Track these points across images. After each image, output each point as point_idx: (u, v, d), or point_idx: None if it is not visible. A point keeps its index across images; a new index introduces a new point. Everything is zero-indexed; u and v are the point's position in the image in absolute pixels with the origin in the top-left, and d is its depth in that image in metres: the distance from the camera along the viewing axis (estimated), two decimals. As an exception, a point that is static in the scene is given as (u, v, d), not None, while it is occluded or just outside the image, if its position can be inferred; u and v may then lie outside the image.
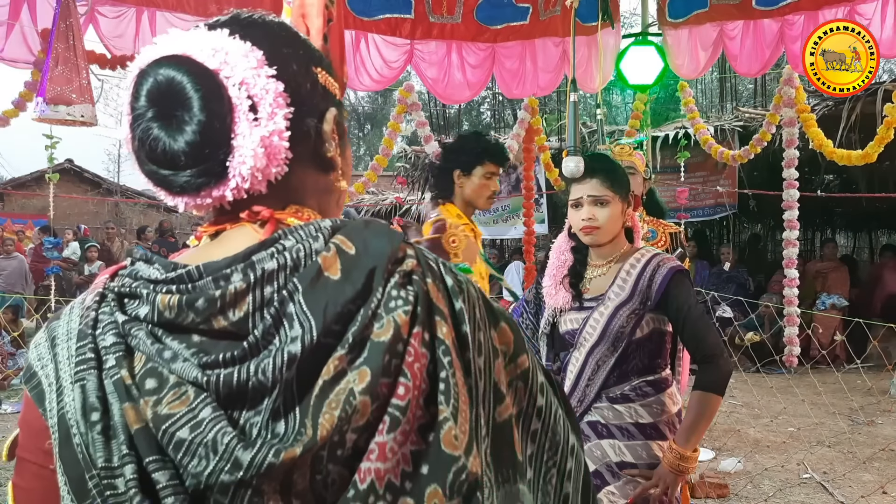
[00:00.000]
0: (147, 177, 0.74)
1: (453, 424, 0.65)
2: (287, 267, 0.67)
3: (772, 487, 4.30)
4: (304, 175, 0.79)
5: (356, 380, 0.63)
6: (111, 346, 0.68)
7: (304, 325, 0.64)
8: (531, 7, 4.78)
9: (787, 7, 4.40)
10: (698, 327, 1.99)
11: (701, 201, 9.46)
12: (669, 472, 1.92)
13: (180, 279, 0.68)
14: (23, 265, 9.84)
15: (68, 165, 16.23)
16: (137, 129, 0.71)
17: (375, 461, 0.63)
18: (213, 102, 0.70)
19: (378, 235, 0.70)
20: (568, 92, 2.68)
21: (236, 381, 0.64)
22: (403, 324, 0.65)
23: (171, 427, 0.63)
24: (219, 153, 0.70)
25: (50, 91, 3.91)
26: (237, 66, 0.71)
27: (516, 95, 5.34)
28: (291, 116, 0.74)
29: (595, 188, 2.05)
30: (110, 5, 4.28)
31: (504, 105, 17.81)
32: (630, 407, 2.00)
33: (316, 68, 0.80)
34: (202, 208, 0.76)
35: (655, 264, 2.02)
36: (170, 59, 0.71)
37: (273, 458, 0.60)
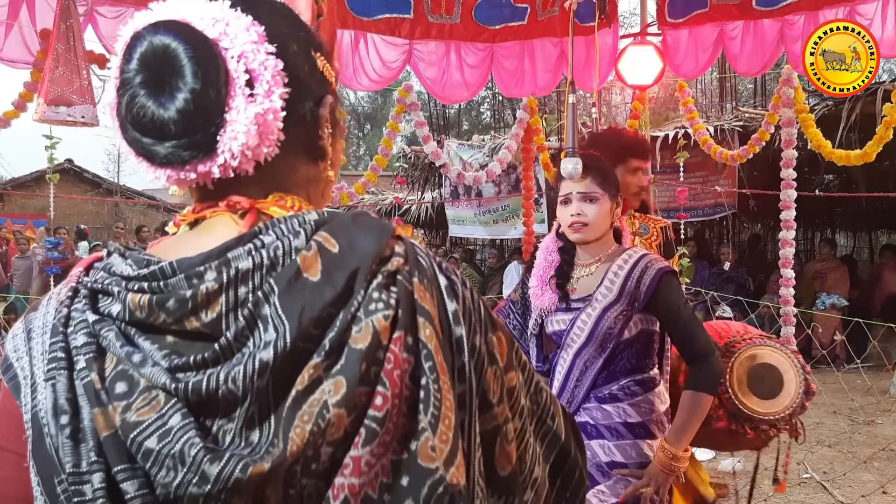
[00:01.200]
0: (129, 145, 0.70)
1: (430, 435, 0.61)
2: (263, 266, 0.64)
3: (772, 487, 4.30)
4: (293, 161, 0.75)
5: (331, 391, 0.60)
6: (82, 347, 0.66)
7: (278, 329, 0.61)
8: (529, 7, 4.78)
9: (787, 7, 4.40)
10: (688, 327, 1.99)
11: (701, 201, 9.45)
12: (661, 472, 1.93)
13: (153, 276, 0.65)
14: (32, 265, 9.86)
15: (68, 165, 16.24)
16: (125, 95, 0.68)
17: (350, 476, 0.60)
18: (210, 72, 0.66)
19: (365, 232, 0.67)
20: (566, 93, 2.68)
21: (205, 389, 0.61)
22: (383, 329, 0.62)
23: (138, 436, 0.60)
24: (210, 125, 0.67)
25: (51, 92, 3.91)
26: (237, 38, 0.68)
27: (515, 95, 5.34)
28: (288, 97, 0.71)
29: (584, 185, 2.06)
30: (109, 5, 4.27)
31: (503, 105, 17.80)
32: (618, 406, 2.00)
33: (315, 53, 0.77)
34: (184, 183, 0.72)
35: (644, 265, 2.01)
36: (168, 24, 0.68)
37: (240, 473, 0.58)
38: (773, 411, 2.42)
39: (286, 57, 0.71)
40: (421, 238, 15.68)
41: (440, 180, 11.22)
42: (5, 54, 4.19)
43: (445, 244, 13.62)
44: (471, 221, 11.18)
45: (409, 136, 8.51)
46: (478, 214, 11.02)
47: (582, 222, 2.04)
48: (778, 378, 2.42)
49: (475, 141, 11.64)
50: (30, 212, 15.67)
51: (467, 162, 9.47)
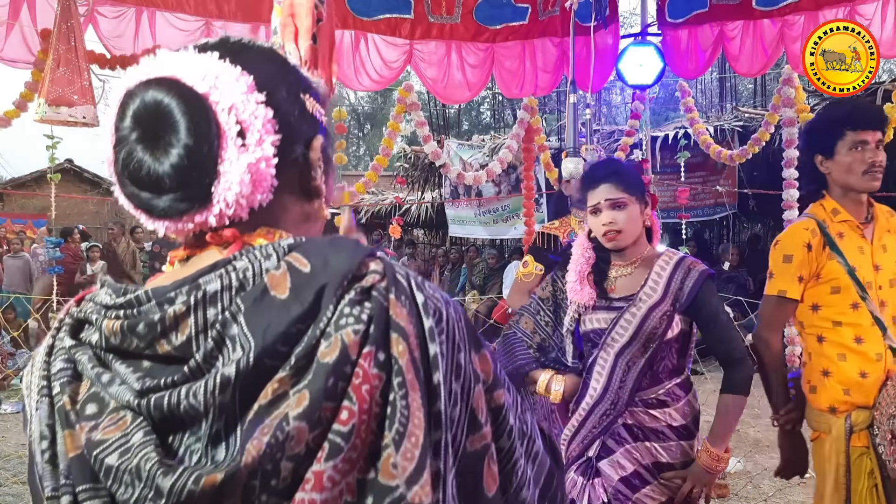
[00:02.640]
0: (128, 199, 0.71)
1: (393, 452, 0.61)
2: (232, 287, 0.65)
3: (772, 487, 4.30)
4: (287, 202, 0.77)
5: (293, 404, 0.60)
6: (58, 373, 0.68)
7: (244, 347, 0.61)
8: (530, 7, 4.79)
9: (787, 7, 4.40)
10: (727, 331, 2.05)
11: (701, 201, 9.46)
12: (705, 472, 2.00)
13: (128, 304, 0.67)
14: (27, 265, 9.85)
15: (68, 165, 16.23)
16: (121, 152, 0.69)
17: (311, 491, 0.59)
18: (201, 126, 0.67)
19: (339, 251, 0.67)
20: (568, 93, 2.69)
21: (167, 406, 0.61)
22: (352, 343, 0.62)
23: (101, 453, 0.61)
24: (204, 178, 0.68)
25: (52, 92, 3.91)
26: (227, 91, 0.69)
27: (516, 95, 5.34)
28: (279, 143, 0.71)
29: (610, 192, 2.06)
30: (110, 5, 4.28)
31: (504, 105, 17.82)
32: (665, 412, 2.04)
33: (304, 94, 0.78)
34: (182, 233, 0.73)
35: (686, 267, 2.04)
36: (158, 81, 0.69)
37: (193, 485, 0.58)
38: None
39: (276, 103, 0.72)
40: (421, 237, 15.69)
41: (440, 180, 11.22)
42: (6, 54, 4.19)
43: (445, 244, 13.62)
44: (471, 221, 11.18)
45: (409, 136, 8.52)
46: (478, 214, 11.02)
47: (615, 230, 2.05)
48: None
49: (475, 141, 11.65)
50: (30, 212, 15.67)
51: (467, 162, 9.48)
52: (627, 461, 2.02)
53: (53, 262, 5.25)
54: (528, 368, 2.20)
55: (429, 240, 15.75)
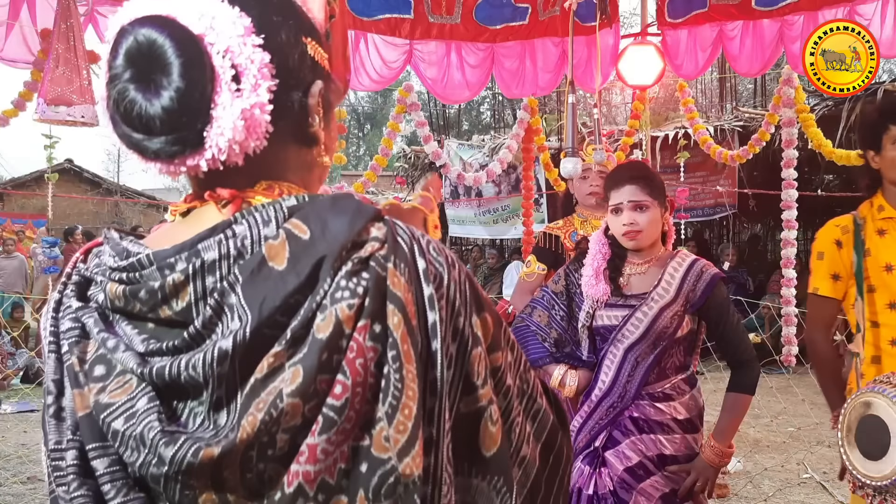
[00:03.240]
0: (120, 139, 0.71)
1: (385, 425, 0.62)
2: (231, 255, 0.65)
3: (772, 487, 4.30)
4: (284, 149, 0.76)
5: (288, 379, 0.61)
6: (66, 332, 0.69)
7: (241, 318, 0.62)
8: (530, 7, 4.78)
9: (787, 7, 4.39)
10: (736, 332, 2.14)
11: (701, 201, 9.46)
12: (709, 467, 2.06)
13: (130, 267, 0.67)
14: (23, 265, 9.84)
15: (68, 165, 16.21)
16: (114, 90, 0.68)
17: (305, 464, 0.60)
18: (195, 69, 0.66)
19: (340, 215, 0.66)
20: (566, 93, 2.69)
21: (168, 375, 0.63)
22: (346, 318, 0.62)
23: (108, 416, 0.63)
24: (196, 122, 0.67)
25: (51, 92, 3.91)
26: (223, 33, 0.68)
27: (516, 95, 5.34)
28: (276, 89, 0.71)
29: (634, 194, 2.11)
30: (110, 5, 4.27)
31: (504, 105, 17.79)
32: (670, 405, 2.10)
33: (306, 38, 0.77)
34: (175, 174, 0.73)
35: (699, 269, 2.12)
36: (153, 19, 0.67)
37: (192, 457, 0.60)
38: (872, 475, 1.88)
39: (274, 48, 0.71)
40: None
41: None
42: (6, 54, 4.19)
43: (445, 244, 13.60)
44: (471, 221, 11.18)
45: (409, 136, 8.51)
46: (478, 214, 11.03)
47: (635, 230, 2.11)
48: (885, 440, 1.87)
49: (475, 141, 11.65)
50: (29, 211, 15.64)
51: (467, 162, 9.48)
52: (633, 452, 2.07)
53: (50, 261, 5.24)
54: (543, 363, 2.24)
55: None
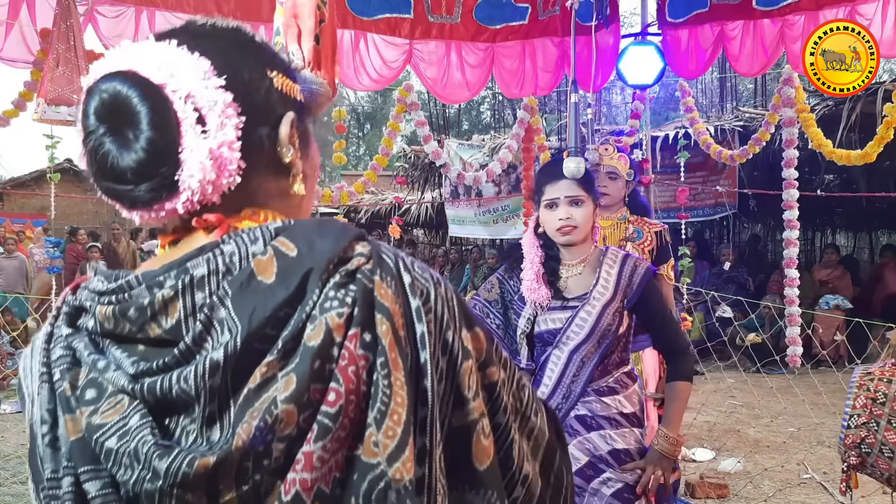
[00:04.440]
0: (103, 192, 0.73)
1: (374, 430, 0.62)
2: (219, 271, 0.66)
3: (772, 487, 4.30)
4: (261, 181, 0.77)
5: (282, 387, 0.61)
6: (58, 360, 0.69)
7: (231, 331, 0.63)
8: (530, 7, 4.78)
9: (787, 7, 4.39)
10: (671, 325, 2.19)
11: (701, 201, 9.46)
12: (663, 457, 2.07)
13: (120, 289, 0.68)
14: (24, 265, 9.84)
15: (67, 165, 16.19)
16: (89, 146, 0.71)
17: (301, 472, 0.61)
18: (160, 117, 0.68)
19: (325, 235, 0.68)
20: (569, 93, 2.69)
21: (160, 390, 0.63)
22: (336, 326, 0.63)
23: (101, 437, 0.63)
24: (167, 167, 0.69)
25: (51, 92, 3.91)
26: (183, 79, 0.69)
27: (516, 95, 5.34)
28: (243, 126, 0.72)
29: (571, 188, 2.14)
30: (109, 5, 4.27)
31: (504, 105, 17.80)
32: (615, 399, 2.12)
33: (271, 72, 0.77)
34: (158, 221, 0.75)
35: (633, 265, 2.15)
36: (115, 74, 0.70)
37: (187, 467, 0.60)
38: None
39: (237, 86, 0.72)
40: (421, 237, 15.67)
41: (440, 180, 11.22)
42: (5, 54, 4.19)
43: (445, 244, 13.61)
44: (471, 221, 11.18)
45: (409, 136, 8.52)
46: (478, 214, 11.02)
47: (571, 225, 2.12)
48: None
49: (475, 141, 11.65)
50: (29, 211, 15.63)
51: (467, 162, 9.46)
52: (580, 453, 2.07)
53: (52, 261, 5.24)
54: None
55: (429, 240, 15.74)
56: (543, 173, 2.26)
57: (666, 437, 2.07)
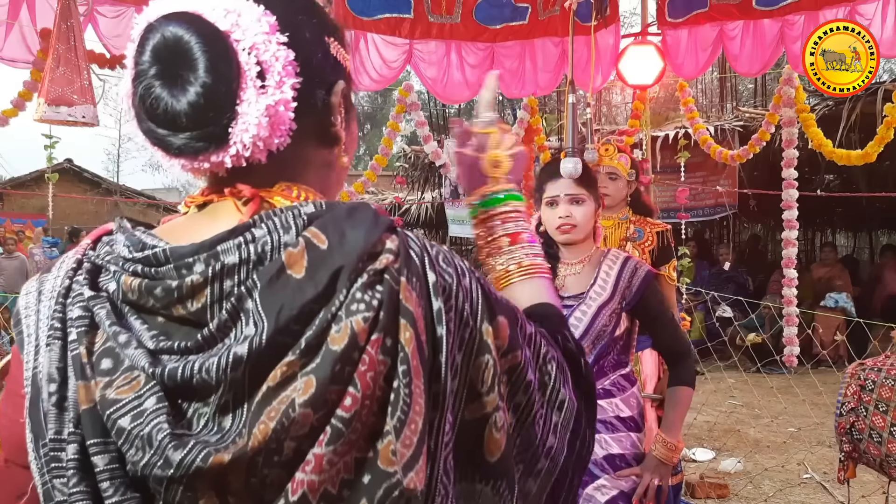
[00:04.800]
0: (144, 135, 0.71)
1: (393, 439, 0.62)
2: (250, 261, 0.65)
3: (772, 488, 4.30)
4: (305, 148, 0.76)
5: (301, 389, 0.61)
6: (76, 320, 0.67)
7: (257, 325, 0.62)
8: (530, 7, 4.78)
9: (787, 7, 4.39)
10: (672, 328, 2.15)
11: (701, 201, 9.45)
12: (661, 464, 2.03)
13: (146, 261, 0.67)
14: (24, 265, 9.84)
15: (67, 165, 16.21)
16: (140, 86, 0.69)
17: (310, 473, 0.61)
18: (221, 65, 0.67)
19: (357, 226, 0.67)
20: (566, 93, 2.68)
21: (181, 376, 0.62)
22: (361, 331, 0.62)
23: (114, 413, 0.62)
24: (222, 118, 0.68)
25: (51, 92, 3.90)
26: (248, 30, 0.68)
27: (516, 95, 5.34)
28: (300, 87, 0.71)
29: (571, 187, 2.12)
30: (109, 5, 4.27)
31: (503, 105, 17.78)
32: (612, 402, 2.08)
33: (329, 38, 0.77)
34: (199, 172, 0.73)
35: (633, 266, 2.12)
36: (180, 16, 0.68)
37: (201, 462, 0.59)
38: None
39: (298, 46, 0.71)
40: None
41: (440, 180, 11.22)
42: (5, 54, 4.18)
43: (445, 244, 13.61)
44: (470, 221, 11.16)
45: (409, 136, 8.52)
46: (478, 214, 11.00)
47: (571, 224, 2.11)
48: None
49: (475, 141, 11.60)
50: (29, 211, 15.63)
51: (467, 162, 9.45)
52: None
53: (51, 262, 5.24)
54: None
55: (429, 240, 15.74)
56: (545, 172, 2.24)
57: (664, 442, 2.03)
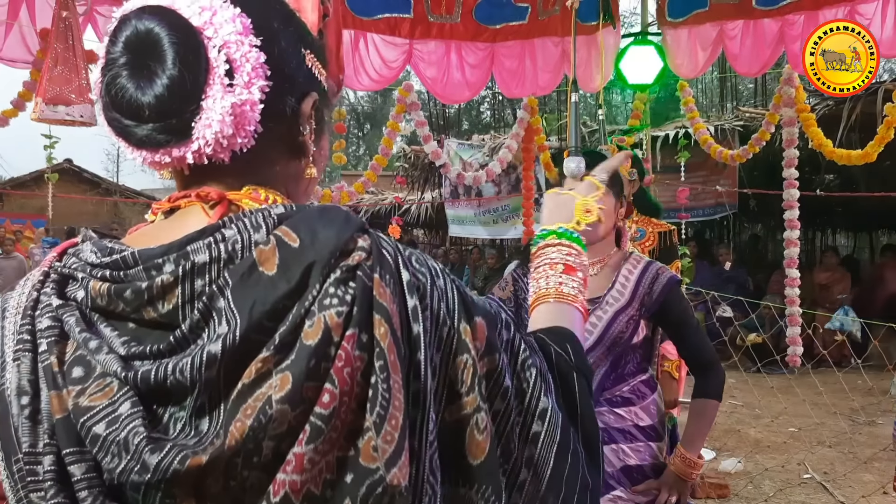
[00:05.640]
0: (108, 124, 0.71)
1: (374, 435, 0.61)
2: (221, 259, 0.64)
3: (772, 488, 4.29)
4: (272, 155, 0.76)
5: (277, 386, 0.60)
6: (45, 330, 0.67)
7: (230, 323, 0.61)
8: (530, 7, 4.78)
9: (787, 7, 4.39)
10: (697, 336, 2.04)
11: (701, 201, 9.44)
12: (679, 479, 1.95)
13: (115, 265, 0.67)
14: (22, 265, 9.82)
15: (67, 165, 16.20)
16: (107, 75, 0.69)
17: (291, 473, 0.60)
18: (189, 59, 0.67)
19: (328, 225, 0.66)
20: (569, 92, 2.67)
21: (154, 379, 0.62)
22: (335, 325, 0.62)
23: (88, 420, 0.62)
24: (185, 111, 0.68)
25: (49, 91, 3.90)
26: (222, 28, 0.69)
27: (516, 95, 5.34)
28: (269, 90, 0.71)
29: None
30: (109, 5, 4.27)
31: (504, 105, 17.79)
32: (630, 410, 1.99)
33: (305, 50, 0.78)
34: (160, 166, 0.73)
35: (654, 272, 2.02)
36: (154, 9, 0.69)
37: (178, 464, 0.59)
38: None
39: (271, 51, 0.72)
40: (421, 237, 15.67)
41: (440, 180, 11.22)
42: (5, 54, 4.18)
43: (445, 244, 13.61)
44: (471, 221, 11.17)
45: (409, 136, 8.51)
46: (478, 214, 11.01)
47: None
48: None
49: (475, 141, 11.63)
50: (29, 211, 15.62)
51: (467, 162, 9.46)
52: None
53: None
54: None
55: (429, 240, 15.74)
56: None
57: (683, 458, 1.95)
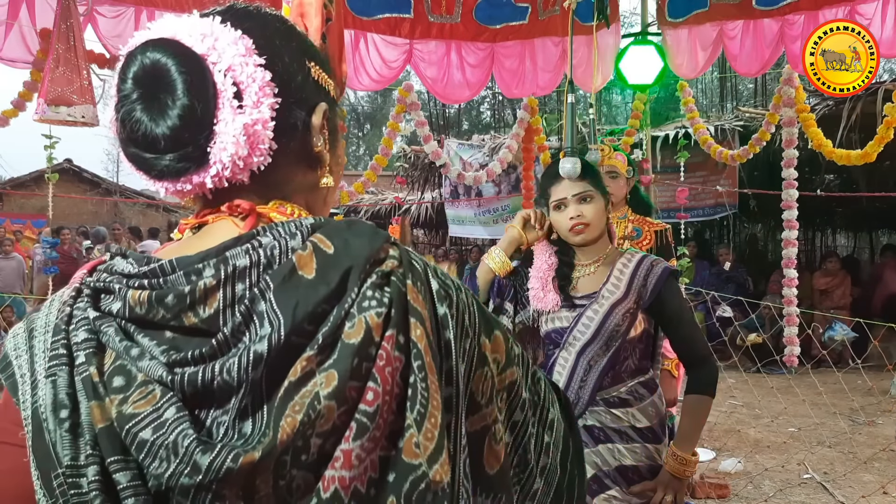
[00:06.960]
0: (129, 159, 0.73)
1: (415, 432, 0.63)
2: (260, 264, 0.66)
3: (772, 488, 4.29)
4: (289, 169, 0.77)
5: (323, 383, 0.61)
6: (82, 343, 0.67)
7: (273, 323, 0.63)
8: (530, 7, 4.78)
9: (787, 7, 4.40)
10: (690, 330, 2.02)
11: (701, 201, 9.45)
12: (674, 479, 1.93)
13: (153, 273, 0.67)
14: (21, 266, 9.83)
15: (67, 165, 16.20)
16: (121, 111, 0.71)
17: (340, 469, 0.61)
18: (197, 86, 0.69)
19: (359, 235, 0.69)
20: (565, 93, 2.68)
21: (201, 381, 0.62)
22: (375, 326, 0.63)
23: (134, 427, 0.62)
24: (199, 138, 0.69)
25: (51, 92, 3.90)
26: (225, 52, 0.70)
27: (516, 95, 5.34)
28: (278, 107, 0.73)
29: (576, 186, 2.04)
30: (109, 5, 4.27)
31: (504, 105, 17.81)
32: (627, 411, 1.99)
33: (310, 62, 0.79)
34: (183, 195, 0.74)
35: (649, 264, 2.03)
36: (158, 42, 0.70)
37: (231, 462, 0.59)
38: None
39: (276, 68, 0.73)
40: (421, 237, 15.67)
41: (440, 180, 11.22)
42: (5, 54, 4.19)
43: (445, 244, 13.61)
44: (471, 221, 11.18)
45: (409, 136, 8.51)
46: (478, 214, 11.02)
47: (583, 223, 2.03)
48: None
49: (475, 141, 11.63)
50: (29, 211, 15.64)
51: (467, 162, 9.46)
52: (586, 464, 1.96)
53: (49, 262, 5.23)
54: None
55: (429, 240, 15.74)
56: (546, 176, 2.16)
57: (675, 456, 1.93)
